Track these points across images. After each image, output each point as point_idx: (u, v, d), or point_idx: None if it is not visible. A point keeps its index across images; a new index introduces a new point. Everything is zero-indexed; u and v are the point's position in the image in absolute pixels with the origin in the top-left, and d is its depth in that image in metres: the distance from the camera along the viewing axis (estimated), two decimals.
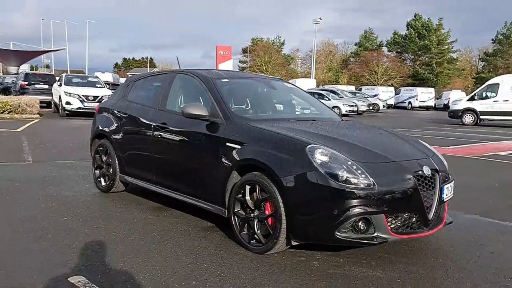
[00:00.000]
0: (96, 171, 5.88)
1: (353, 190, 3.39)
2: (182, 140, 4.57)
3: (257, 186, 3.76)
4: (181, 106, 4.70)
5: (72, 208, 5.00)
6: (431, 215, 3.70)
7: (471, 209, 5.56)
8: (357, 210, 3.39)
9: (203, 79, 4.70)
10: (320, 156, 3.51)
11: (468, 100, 23.38)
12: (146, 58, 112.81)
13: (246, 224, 3.88)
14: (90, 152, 6.16)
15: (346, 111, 26.93)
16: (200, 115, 4.26)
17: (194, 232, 4.32)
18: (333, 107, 27.34)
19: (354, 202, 3.39)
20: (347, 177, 3.42)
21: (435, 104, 44.21)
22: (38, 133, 12.33)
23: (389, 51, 67.68)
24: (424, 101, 43.59)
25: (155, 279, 3.24)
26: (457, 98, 30.21)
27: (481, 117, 22.35)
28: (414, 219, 3.65)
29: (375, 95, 40.93)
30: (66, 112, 18.02)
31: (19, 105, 16.73)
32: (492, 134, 17.00)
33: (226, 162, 4.02)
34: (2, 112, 16.42)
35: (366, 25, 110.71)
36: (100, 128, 5.84)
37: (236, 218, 3.96)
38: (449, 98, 41.68)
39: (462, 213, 5.35)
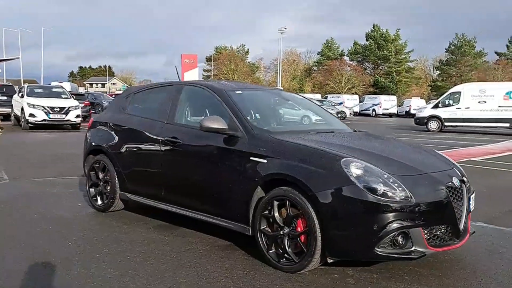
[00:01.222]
0: (91, 189, 5.55)
1: (391, 203, 3.31)
2: (197, 155, 4.38)
3: (287, 201, 3.61)
4: (195, 119, 4.50)
5: (73, 230, 4.69)
6: (461, 226, 3.67)
7: (473, 216, 5.59)
8: (395, 224, 3.31)
9: (217, 91, 4.53)
10: (355, 169, 3.42)
11: (433, 108, 24.09)
12: (105, 66, 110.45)
13: (274, 242, 3.72)
14: (83, 169, 5.83)
15: (315, 120, 27.09)
16: (220, 129, 4.08)
17: (213, 251, 4.12)
18: (304, 116, 27.49)
19: (393, 216, 3.30)
20: (384, 190, 3.33)
21: (397, 111, 45.43)
22: (4, 148, 11.69)
23: (351, 60, 69.24)
24: (387, 109, 44.75)
25: None
26: (421, 106, 31.11)
27: (445, 123, 23.07)
28: (447, 231, 3.61)
29: (341, 103, 41.65)
30: (29, 124, 17.13)
31: None
32: (458, 140, 17.52)
33: (250, 177, 3.86)
34: None
35: (328, 35, 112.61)
36: (96, 143, 5.53)
37: (262, 236, 3.79)
38: (410, 106, 43.03)
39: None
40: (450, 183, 3.66)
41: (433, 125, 23.44)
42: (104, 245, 4.23)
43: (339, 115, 31.92)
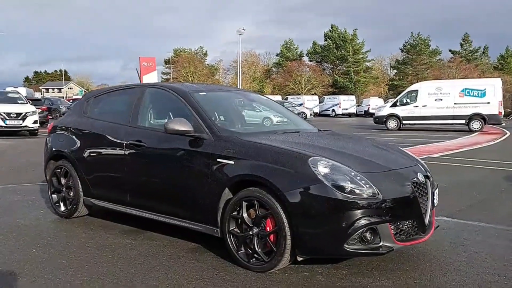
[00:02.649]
0: (53, 195, 5.39)
1: (358, 200, 3.37)
2: (162, 158, 4.32)
3: (256, 202, 3.62)
4: (158, 121, 4.44)
5: (37, 237, 4.53)
6: (427, 221, 3.78)
7: (436, 211, 5.77)
8: (363, 221, 3.37)
9: (180, 93, 4.48)
10: (322, 168, 3.46)
11: (391, 106, 24.69)
12: (60, 71, 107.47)
13: (244, 243, 3.72)
14: (44, 175, 5.65)
15: (277, 122, 27.27)
16: (185, 131, 4.04)
17: (182, 254, 4.08)
18: (265, 118, 27.61)
19: (361, 213, 3.37)
20: (351, 187, 3.39)
21: (356, 111, 46.33)
22: None
23: (310, 60, 70.12)
24: (346, 109, 45.55)
25: None
26: (380, 105, 31.80)
27: (404, 122, 23.69)
28: (413, 225, 3.71)
29: (301, 104, 42.08)
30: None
31: None
32: (416, 138, 18.06)
33: (217, 178, 3.85)
34: None
35: (286, 36, 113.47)
36: (57, 148, 5.38)
37: (231, 237, 3.78)
38: (369, 105, 43.99)
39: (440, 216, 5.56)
40: (415, 179, 3.76)
41: (392, 123, 24.03)
42: (70, 252, 4.12)
43: (300, 116, 32.28)
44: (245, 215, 3.70)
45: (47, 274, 3.57)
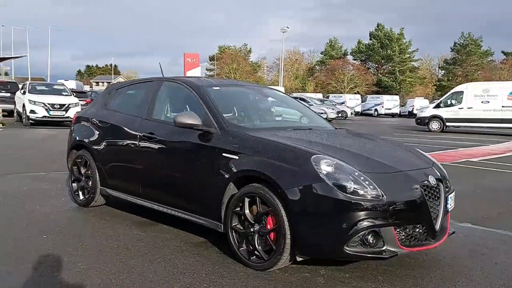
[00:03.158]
0: (73, 184, 5.51)
1: (361, 202, 3.23)
2: (172, 151, 4.33)
3: (257, 198, 3.55)
4: (173, 115, 4.43)
5: (51, 225, 4.64)
6: (437, 226, 3.59)
7: (461, 217, 5.51)
8: (366, 223, 3.23)
9: (194, 87, 4.47)
10: (325, 166, 3.34)
11: (434, 108, 23.88)
12: (111, 65, 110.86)
13: (245, 239, 3.66)
14: (66, 164, 5.79)
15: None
16: (193, 124, 4.02)
17: (187, 248, 4.06)
18: (302, 116, 27.42)
19: (363, 214, 3.23)
20: (354, 188, 3.26)
21: (400, 111, 45.15)
22: (4, 144, 11.71)
23: (354, 59, 68.97)
24: (389, 109, 44.47)
25: None
26: (424, 106, 30.87)
27: (447, 124, 22.85)
28: (422, 231, 3.53)
29: (343, 103, 41.50)
30: (30, 121, 17.29)
31: None
32: (460, 141, 17.35)
33: (222, 173, 3.80)
34: None
35: (332, 34, 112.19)
36: (79, 138, 5.49)
37: (233, 233, 3.73)
38: (413, 106, 42.73)
39: (455, 222, 5.30)
40: (426, 181, 3.57)
41: (434, 125, 23.24)
42: (78, 240, 4.18)
43: (339, 115, 31.84)
44: (247, 211, 3.63)
45: (49, 261, 3.64)
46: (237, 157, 3.74)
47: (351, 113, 36.69)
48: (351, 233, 3.22)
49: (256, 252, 3.58)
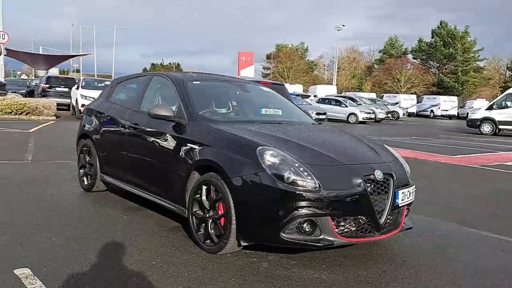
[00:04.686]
0: (80, 170, 6.02)
1: (298, 192, 3.41)
2: (151, 140, 4.66)
3: (211, 186, 3.81)
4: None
5: (50, 205, 5.13)
6: (382, 220, 3.68)
7: (453, 217, 5.48)
8: (302, 211, 3.41)
9: (175, 81, 4.79)
10: (269, 157, 3.54)
11: (486, 109, 22.83)
12: (174, 63, 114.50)
13: (203, 224, 3.93)
14: (76, 152, 6.31)
15: (363, 118, 26.74)
16: (166, 116, 4.34)
17: (158, 231, 4.39)
18: (350, 114, 27.17)
19: (299, 203, 3.40)
20: (294, 179, 3.44)
21: (458, 113, 43.30)
22: (48, 134, 12.67)
23: (414, 58, 66.75)
24: (446, 110, 42.70)
25: (97, 273, 3.32)
26: (476, 107, 29.52)
27: (500, 126, 21.79)
28: (364, 223, 3.64)
29: (396, 103, 40.47)
30: (81, 114, 18.40)
31: (36, 107, 17.23)
32: (509, 144, 16.57)
33: (186, 162, 4.10)
34: (20, 114, 16.93)
35: (394, 33, 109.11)
36: (84, 128, 5.99)
37: (193, 218, 4.01)
38: (472, 107, 40.82)
39: (440, 221, 5.29)
40: (371, 175, 3.67)
41: (486, 128, 22.25)
42: (65, 219, 4.62)
43: (389, 115, 31.20)
44: (204, 198, 3.90)
45: (34, 237, 4.07)
46: (198, 147, 4.01)
47: (403, 114, 35.79)
48: (287, 221, 3.41)
49: (210, 236, 3.84)
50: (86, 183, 5.86)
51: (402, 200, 3.86)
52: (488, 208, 6.15)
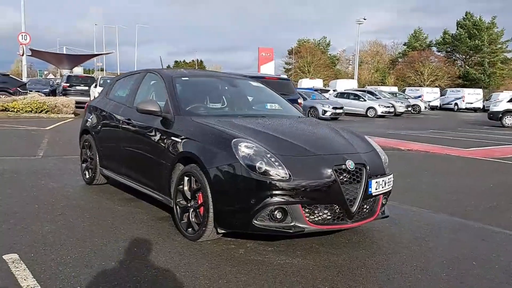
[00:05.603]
0: (82, 164, 6.29)
1: (270, 181, 3.55)
2: (141, 134, 4.87)
3: (192, 177, 3.99)
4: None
5: (50, 197, 5.40)
6: (354, 208, 3.78)
7: (444, 209, 5.52)
8: (273, 199, 3.56)
9: (164, 77, 4.98)
10: (244, 149, 3.70)
11: (509, 101, 22.38)
12: (197, 60, 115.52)
13: (186, 214, 4.11)
14: (79, 147, 6.59)
15: (382, 112, 26.52)
16: (153, 111, 4.53)
17: (147, 221, 4.60)
18: (369, 108, 26.99)
19: (271, 192, 3.55)
20: (265, 169, 3.58)
21: (483, 106, 42.37)
22: (64, 131, 13.09)
23: (439, 51, 65.54)
24: (471, 103, 41.83)
25: (79, 257, 3.54)
26: (498, 99, 28.89)
27: None
28: (335, 211, 3.75)
29: (419, 97, 39.88)
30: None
31: (56, 106, 17.77)
32: None
33: (171, 154, 4.29)
34: (40, 112, 17.50)
35: (419, 25, 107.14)
36: (85, 124, 6.25)
37: (177, 208, 4.20)
38: (498, 99, 39.88)
39: (430, 212, 5.35)
40: (343, 165, 3.78)
41: (508, 120, 21.88)
42: (60, 210, 4.86)
43: (409, 109, 30.86)
44: (185, 188, 4.08)
45: (29, 225, 4.32)
46: (181, 140, 4.20)
47: (425, 107, 35.30)
48: (258, 208, 3.57)
49: (191, 224, 4.02)
50: (87, 176, 6.12)
51: (376, 189, 3.96)
52: (485, 200, 6.14)
